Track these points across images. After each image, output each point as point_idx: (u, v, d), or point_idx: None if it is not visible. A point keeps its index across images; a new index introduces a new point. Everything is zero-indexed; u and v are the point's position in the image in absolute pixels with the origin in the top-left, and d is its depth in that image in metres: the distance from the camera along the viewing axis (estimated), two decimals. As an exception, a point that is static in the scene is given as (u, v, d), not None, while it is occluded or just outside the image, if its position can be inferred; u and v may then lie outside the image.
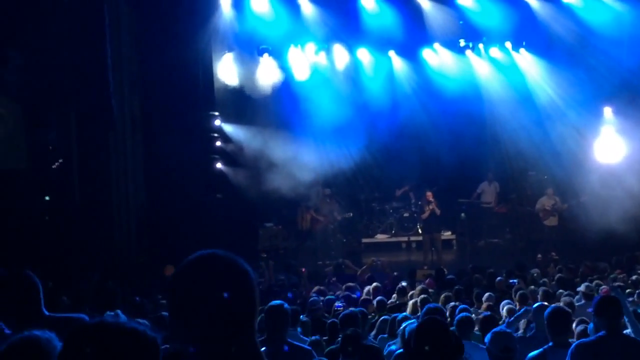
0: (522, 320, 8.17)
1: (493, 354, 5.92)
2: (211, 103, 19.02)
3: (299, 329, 8.61)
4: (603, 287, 11.26)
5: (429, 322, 3.88)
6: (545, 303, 8.18)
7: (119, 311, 6.43)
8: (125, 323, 2.13)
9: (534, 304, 8.46)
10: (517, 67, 20.77)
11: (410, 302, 10.31)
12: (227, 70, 19.61)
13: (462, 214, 20.76)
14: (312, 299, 10.76)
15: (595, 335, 5.41)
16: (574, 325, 7.35)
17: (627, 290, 10.97)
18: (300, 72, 20.33)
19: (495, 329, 6.24)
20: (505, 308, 9.57)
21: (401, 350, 6.41)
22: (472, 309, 9.85)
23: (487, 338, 6.11)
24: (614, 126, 19.11)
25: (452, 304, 9.79)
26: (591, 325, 7.50)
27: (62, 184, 15.80)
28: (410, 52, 21.16)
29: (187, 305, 2.32)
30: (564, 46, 19.86)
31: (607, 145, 18.99)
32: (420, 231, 20.32)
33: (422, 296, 10.19)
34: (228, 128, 19.47)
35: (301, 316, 9.03)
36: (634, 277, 12.69)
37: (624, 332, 7.10)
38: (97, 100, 15.52)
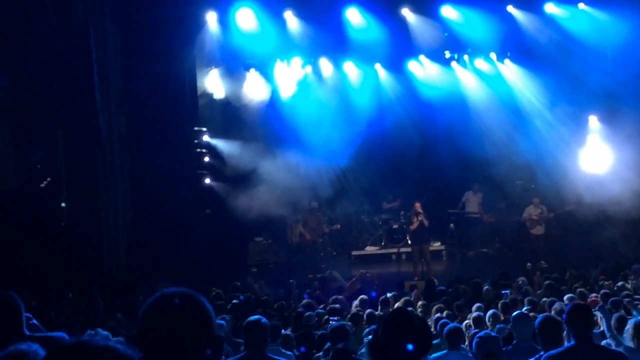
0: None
1: (478, 359, 5.97)
2: (198, 119, 19.10)
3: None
4: (592, 295, 11.35)
5: (396, 311, 3.91)
6: (524, 311, 8.24)
7: (99, 329, 6.47)
8: (103, 342, 2.19)
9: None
10: (502, 77, 20.91)
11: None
12: (214, 86, 19.73)
13: (451, 225, 20.80)
14: (307, 314, 10.71)
15: (564, 345, 5.43)
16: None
17: (613, 299, 10.98)
18: (287, 87, 20.44)
19: (479, 334, 6.29)
20: (488, 314, 9.63)
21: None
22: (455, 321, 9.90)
23: (473, 343, 6.17)
24: (599, 135, 19.26)
25: (438, 315, 9.84)
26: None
27: (50, 203, 15.81)
28: (396, 64, 21.27)
29: (153, 342, 2.49)
30: (549, 56, 20.00)
31: (593, 154, 19.13)
32: (409, 242, 20.35)
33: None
34: (216, 143, 19.53)
35: (282, 330, 9.02)
36: (619, 284, 12.76)
37: (602, 342, 7.20)
38: (84, 118, 15.57)
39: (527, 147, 19.44)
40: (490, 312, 9.57)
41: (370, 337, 7.37)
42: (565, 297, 10.91)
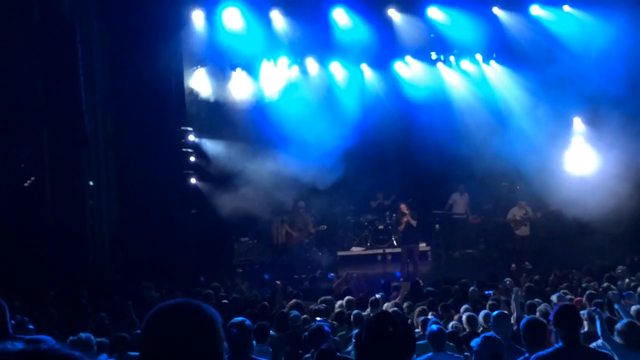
0: None
1: (482, 359, 5.97)
2: (184, 118, 19.02)
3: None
4: (576, 298, 11.39)
5: (380, 315, 3.90)
6: (506, 312, 8.27)
7: (81, 333, 6.42)
8: (65, 351, 2.12)
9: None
10: (488, 79, 21.00)
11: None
12: (200, 85, 19.67)
13: (437, 226, 20.85)
14: (292, 315, 10.67)
15: (552, 347, 5.46)
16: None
17: (597, 301, 11.00)
18: (273, 86, 20.40)
19: (485, 334, 6.29)
20: (480, 315, 9.65)
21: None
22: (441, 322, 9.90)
23: (475, 342, 6.16)
24: (583, 137, 19.37)
25: (423, 317, 9.84)
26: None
27: (35, 202, 15.68)
28: (382, 64, 21.33)
29: (155, 354, 2.41)
30: (534, 58, 20.11)
31: (578, 155, 19.23)
32: (395, 243, 20.37)
33: (393, 309, 10.22)
34: (202, 143, 19.48)
35: (270, 331, 8.98)
36: (604, 285, 12.81)
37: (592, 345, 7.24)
38: (70, 117, 15.46)
39: (512, 149, 19.47)
40: (482, 312, 9.58)
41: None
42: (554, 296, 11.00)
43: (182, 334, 2.39)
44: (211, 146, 19.49)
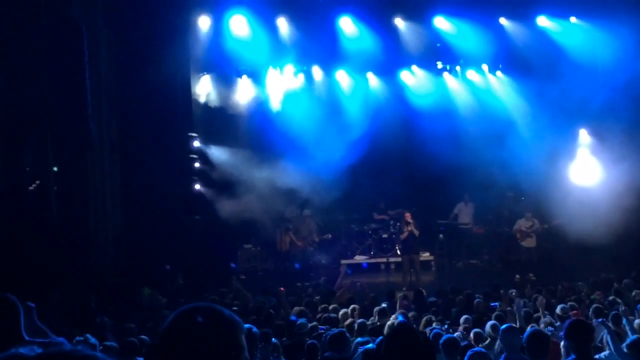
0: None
1: None
2: (190, 124, 19.01)
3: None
4: (574, 311, 11.33)
5: (401, 327, 3.88)
6: (514, 325, 8.22)
7: (88, 335, 6.38)
8: (87, 351, 2.10)
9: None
10: (494, 89, 20.97)
11: (387, 324, 10.25)
12: (205, 92, 19.68)
13: (441, 235, 20.79)
14: (300, 321, 10.60)
15: (564, 360, 5.43)
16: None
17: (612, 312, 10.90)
18: (279, 94, 20.40)
19: (473, 349, 6.27)
20: (487, 325, 9.59)
21: None
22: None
23: (465, 359, 6.15)
24: (589, 148, 19.32)
25: (430, 328, 9.79)
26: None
27: (39, 206, 15.66)
28: (388, 73, 21.33)
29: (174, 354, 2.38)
30: (540, 69, 20.09)
31: (583, 167, 19.18)
32: (399, 252, 20.29)
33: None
34: (207, 149, 19.46)
35: (273, 339, 8.91)
36: (610, 298, 12.73)
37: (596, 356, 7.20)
38: (75, 121, 15.43)
39: (517, 159, 19.41)
40: (490, 323, 9.52)
41: (362, 348, 7.34)
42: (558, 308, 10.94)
43: (199, 336, 2.38)
44: (216, 153, 19.48)
